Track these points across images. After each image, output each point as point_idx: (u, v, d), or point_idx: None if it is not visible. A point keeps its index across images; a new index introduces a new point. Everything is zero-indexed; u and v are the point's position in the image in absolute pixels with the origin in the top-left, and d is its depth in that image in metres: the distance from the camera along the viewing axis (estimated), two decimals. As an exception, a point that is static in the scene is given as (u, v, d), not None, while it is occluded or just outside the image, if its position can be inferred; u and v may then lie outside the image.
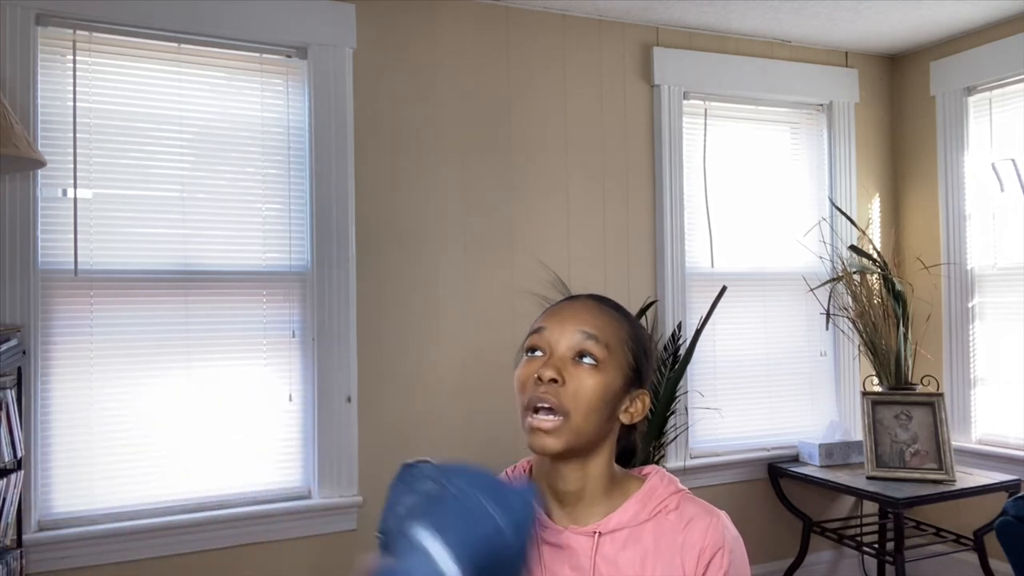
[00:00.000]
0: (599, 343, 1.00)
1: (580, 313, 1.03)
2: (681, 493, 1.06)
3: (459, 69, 2.96)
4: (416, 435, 2.86)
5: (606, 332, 1.02)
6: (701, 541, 1.00)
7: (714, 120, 3.44)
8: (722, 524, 1.03)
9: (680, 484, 1.08)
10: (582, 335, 1.01)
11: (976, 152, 3.42)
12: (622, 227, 3.22)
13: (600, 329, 1.02)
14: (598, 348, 1.00)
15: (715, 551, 1.00)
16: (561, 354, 1.00)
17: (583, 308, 1.04)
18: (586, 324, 1.02)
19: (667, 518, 1.02)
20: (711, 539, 1.01)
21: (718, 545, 1.00)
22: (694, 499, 1.06)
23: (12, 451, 2.07)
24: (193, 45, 2.61)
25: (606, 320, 1.03)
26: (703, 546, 1.00)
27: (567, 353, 1.00)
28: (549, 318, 1.05)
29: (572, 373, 0.99)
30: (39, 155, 2.13)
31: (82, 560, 2.40)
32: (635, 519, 1.02)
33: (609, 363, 1.01)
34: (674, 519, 1.02)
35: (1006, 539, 2.24)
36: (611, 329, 1.03)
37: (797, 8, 3.12)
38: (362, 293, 2.79)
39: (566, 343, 1.01)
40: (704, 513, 1.03)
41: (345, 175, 2.75)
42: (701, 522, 1.02)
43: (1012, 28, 3.25)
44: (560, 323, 1.03)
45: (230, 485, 2.62)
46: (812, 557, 3.46)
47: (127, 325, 2.51)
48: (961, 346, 3.44)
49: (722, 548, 1.00)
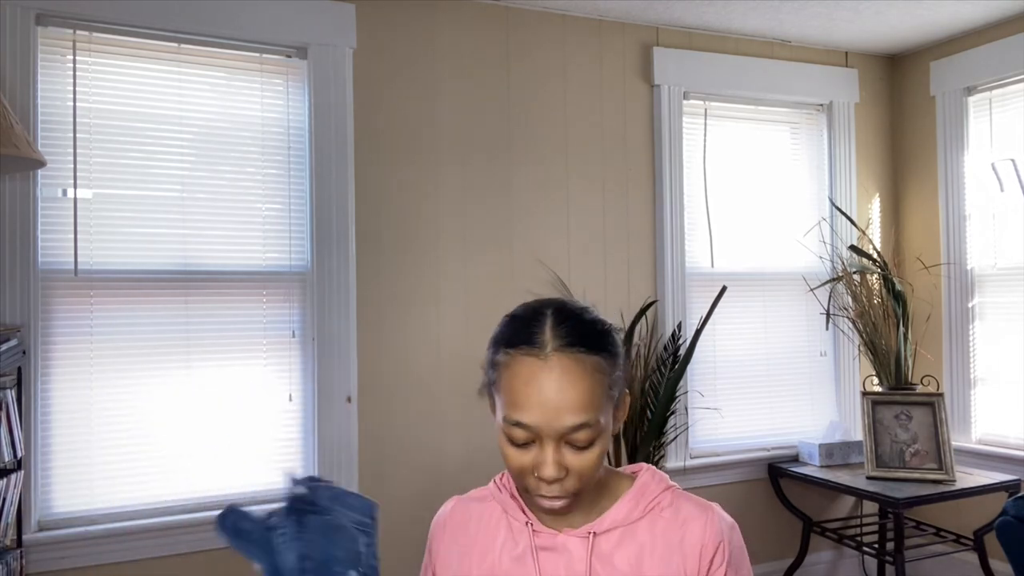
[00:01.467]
0: (589, 427, 0.92)
1: (562, 395, 0.91)
2: (672, 489, 1.06)
3: (459, 69, 2.97)
4: (416, 435, 2.86)
5: (594, 405, 0.92)
6: (701, 538, 1.01)
7: (714, 120, 3.44)
8: (718, 517, 1.03)
9: (670, 480, 1.08)
10: (571, 428, 0.91)
11: (976, 152, 3.42)
12: (622, 227, 3.22)
13: (587, 407, 0.91)
14: (589, 433, 0.92)
15: (716, 546, 1.01)
16: (553, 446, 0.92)
17: (562, 384, 0.91)
18: (573, 410, 0.90)
19: (661, 515, 1.02)
20: (710, 535, 1.01)
21: (718, 540, 1.01)
22: (686, 495, 1.06)
23: (12, 451, 2.07)
24: (193, 45, 2.61)
25: (589, 387, 0.92)
26: (704, 543, 1.01)
27: (559, 443, 0.92)
28: (524, 405, 0.92)
29: (571, 460, 0.93)
30: (39, 155, 2.13)
31: (82, 560, 2.40)
32: (628, 517, 1.02)
33: (601, 427, 0.94)
34: (669, 516, 1.02)
35: (1006, 539, 2.24)
36: (596, 395, 0.92)
37: (797, 8, 3.12)
38: (362, 293, 2.79)
39: (556, 436, 0.92)
40: (699, 510, 1.03)
41: (345, 175, 2.75)
42: (698, 519, 1.02)
43: (1012, 28, 3.25)
44: (542, 414, 0.91)
45: (230, 485, 2.62)
46: (812, 557, 3.46)
47: (127, 325, 2.51)
48: (961, 346, 3.44)
49: (722, 542, 1.01)
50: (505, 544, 1.05)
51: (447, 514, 1.12)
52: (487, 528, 1.07)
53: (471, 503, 1.12)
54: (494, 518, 1.08)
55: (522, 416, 0.92)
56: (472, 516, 1.10)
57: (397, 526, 2.80)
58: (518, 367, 0.93)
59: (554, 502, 0.95)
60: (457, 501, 1.13)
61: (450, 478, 2.86)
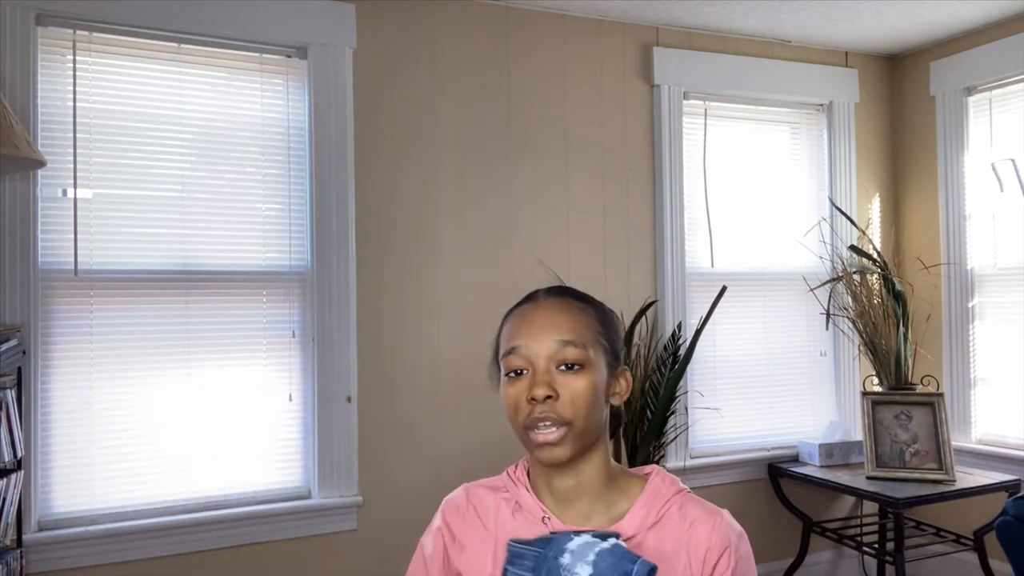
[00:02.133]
0: (577, 347, 1.00)
1: (550, 320, 1.02)
2: (683, 493, 1.06)
3: (459, 69, 2.96)
4: (416, 435, 2.86)
5: (580, 331, 1.01)
6: (707, 542, 1.01)
7: (714, 120, 3.44)
8: (726, 523, 1.03)
9: (681, 484, 1.08)
10: (559, 344, 1.00)
11: (976, 152, 3.42)
12: (622, 227, 3.22)
13: (574, 330, 1.01)
14: (578, 352, 1.00)
15: (721, 552, 1.01)
16: (544, 367, 1.00)
17: (551, 312, 1.03)
18: (560, 331, 1.00)
19: (671, 520, 1.03)
20: (717, 540, 1.01)
21: (724, 545, 1.01)
22: (696, 499, 1.07)
23: (12, 451, 2.07)
24: (193, 45, 2.61)
25: (576, 318, 1.03)
26: (709, 546, 1.01)
27: (549, 364, 1.00)
28: (519, 334, 1.02)
29: (562, 383, 0.99)
30: (39, 155, 2.13)
31: (82, 560, 2.40)
32: (643, 524, 1.02)
33: (591, 360, 1.01)
34: (677, 520, 1.03)
35: (1006, 539, 2.24)
36: (583, 326, 1.02)
37: (797, 8, 3.12)
38: (362, 293, 2.79)
39: (546, 355, 1.00)
40: (707, 514, 1.04)
41: (345, 175, 2.75)
42: (706, 523, 1.02)
43: (1012, 28, 3.25)
44: (533, 336, 1.01)
45: (230, 485, 2.62)
46: (812, 557, 3.46)
47: (127, 325, 2.51)
48: (961, 346, 3.44)
49: (728, 548, 1.01)
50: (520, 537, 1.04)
51: (463, 500, 1.11)
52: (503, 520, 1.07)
53: (483, 491, 1.11)
54: (509, 509, 1.07)
55: (516, 340, 1.02)
56: (489, 506, 1.09)
57: (397, 526, 2.81)
58: (515, 314, 1.06)
59: (546, 432, 0.98)
60: (469, 489, 1.12)
61: (450, 478, 2.86)
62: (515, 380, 1.01)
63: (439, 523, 1.11)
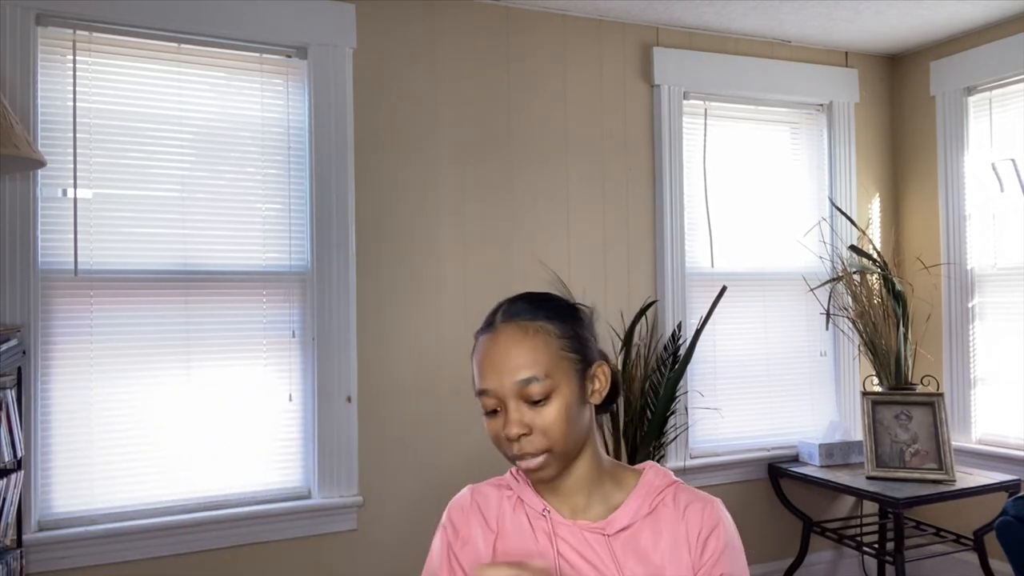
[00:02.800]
0: (540, 380, 1.00)
1: (508, 357, 1.01)
2: (676, 484, 1.11)
3: (459, 69, 2.97)
4: (416, 435, 2.86)
5: (539, 360, 1.01)
6: (699, 524, 1.05)
7: (714, 120, 3.44)
8: (717, 507, 1.08)
9: (674, 476, 1.12)
10: (520, 384, 1.00)
11: (976, 152, 3.42)
12: (622, 227, 3.22)
13: (533, 363, 1.01)
14: (541, 386, 1.00)
15: (711, 530, 1.05)
16: (514, 405, 1.01)
17: (508, 347, 1.02)
18: (519, 368, 1.00)
19: (666, 510, 1.07)
20: (707, 520, 1.06)
21: (713, 524, 1.05)
22: (689, 488, 1.11)
23: (12, 451, 2.07)
24: (193, 45, 2.61)
25: (533, 346, 1.02)
26: (700, 527, 1.05)
27: (518, 402, 1.01)
28: (484, 374, 1.03)
29: (532, 418, 1.01)
30: (39, 155, 2.13)
31: (82, 560, 2.40)
32: (638, 514, 1.06)
33: (557, 383, 1.01)
34: (672, 510, 1.07)
35: (1006, 539, 2.24)
36: (541, 351, 1.02)
37: (797, 8, 3.12)
38: (362, 293, 2.79)
39: (511, 395, 1.01)
40: (698, 499, 1.08)
41: (345, 175, 2.75)
42: (697, 506, 1.07)
43: (1012, 28, 3.25)
44: (496, 377, 1.02)
45: (230, 485, 2.62)
46: (812, 557, 3.46)
47: (127, 325, 2.51)
48: (961, 346, 3.44)
49: (717, 527, 1.05)
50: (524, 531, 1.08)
51: (467, 499, 1.15)
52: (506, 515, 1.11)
53: (488, 489, 1.15)
54: (511, 505, 1.11)
55: (482, 383, 1.03)
56: (492, 503, 1.13)
57: (397, 526, 2.81)
58: (479, 347, 1.07)
59: (528, 461, 1.02)
60: (473, 488, 1.16)
61: (450, 478, 2.86)
62: (492, 418, 1.04)
63: (444, 521, 1.15)
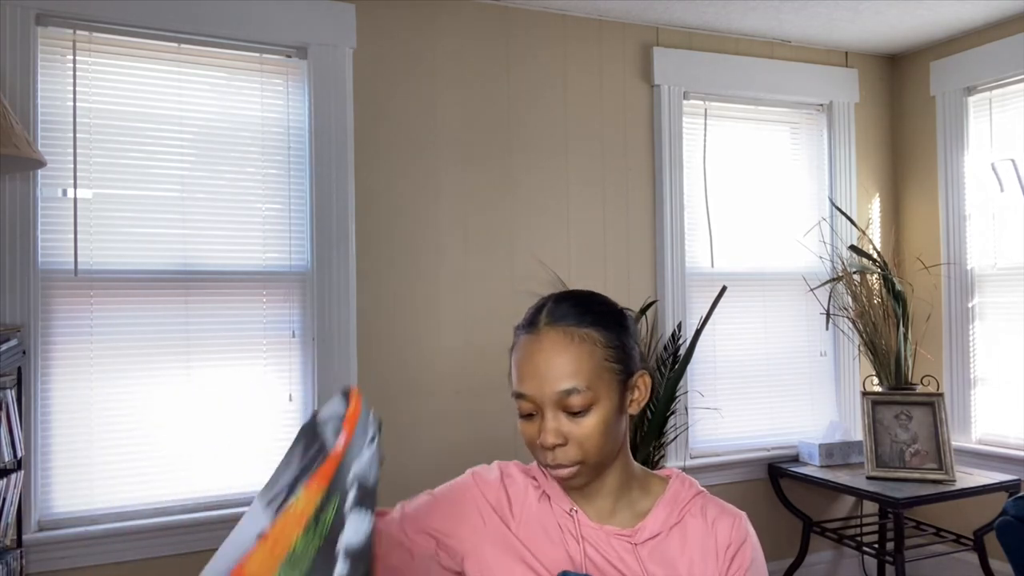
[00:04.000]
0: (581, 392, 0.98)
1: (550, 365, 0.98)
2: (702, 494, 1.11)
3: (459, 69, 2.96)
4: (416, 435, 2.86)
5: (583, 371, 0.98)
6: (727, 538, 1.05)
7: (714, 120, 3.44)
8: (744, 522, 1.08)
9: (700, 486, 1.12)
10: (561, 394, 0.98)
11: (976, 152, 3.42)
12: (622, 227, 3.22)
13: (576, 374, 0.98)
14: (582, 398, 0.98)
15: (739, 546, 1.05)
16: (551, 414, 0.99)
17: (551, 355, 0.99)
18: (561, 378, 0.98)
19: (693, 520, 1.07)
20: (736, 535, 1.05)
21: (742, 539, 1.06)
22: (715, 499, 1.11)
23: (12, 451, 2.07)
24: (193, 45, 2.61)
25: (577, 355, 0.99)
26: (729, 542, 1.05)
27: (556, 411, 0.99)
28: (523, 378, 1.00)
29: (570, 427, 0.99)
30: (39, 155, 2.13)
31: (82, 560, 2.40)
32: (666, 524, 1.06)
33: (598, 395, 0.99)
34: (700, 521, 1.07)
35: (1006, 539, 2.25)
36: (585, 361, 0.99)
37: (797, 8, 3.12)
38: (362, 293, 2.79)
39: (551, 404, 0.99)
40: (727, 513, 1.08)
41: (345, 175, 2.75)
42: (726, 520, 1.07)
43: (1012, 28, 3.25)
44: (536, 384, 0.99)
45: (230, 485, 2.61)
46: (812, 557, 3.46)
47: (127, 325, 2.51)
48: (961, 346, 3.44)
49: (745, 542, 1.06)
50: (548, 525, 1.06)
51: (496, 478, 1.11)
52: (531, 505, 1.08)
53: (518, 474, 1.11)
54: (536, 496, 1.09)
55: (521, 387, 1.01)
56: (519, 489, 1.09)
57: (397, 526, 2.81)
58: (520, 347, 1.04)
59: (560, 471, 1.01)
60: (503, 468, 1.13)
61: (450, 478, 2.85)
62: (527, 421, 1.02)
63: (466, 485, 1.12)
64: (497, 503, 1.08)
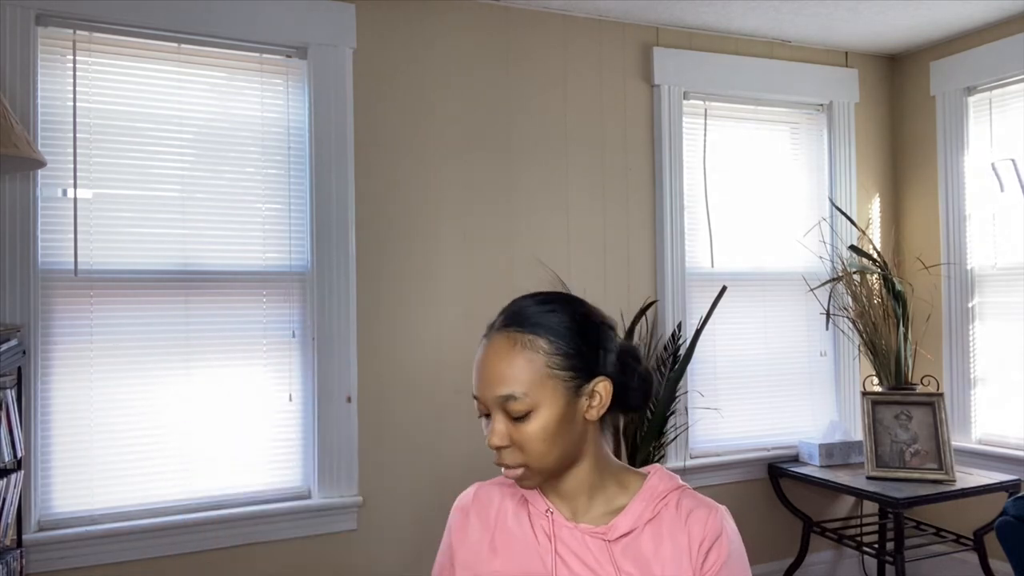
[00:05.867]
0: (518, 399, 1.00)
1: (494, 372, 1.02)
2: (681, 489, 1.09)
3: (459, 69, 2.96)
4: (416, 435, 2.86)
5: (519, 378, 1.00)
6: (701, 532, 1.04)
7: (714, 120, 3.44)
8: (721, 516, 1.06)
9: (680, 480, 1.11)
10: (500, 400, 1.01)
11: (976, 152, 3.42)
12: (622, 227, 3.22)
13: (515, 380, 1.00)
14: (520, 403, 1.00)
15: (714, 540, 1.03)
16: (498, 416, 1.03)
17: (495, 361, 1.02)
18: (501, 384, 1.01)
19: (668, 513, 1.06)
20: (710, 529, 1.04)
21: (717, 534, 1.04)
22: (694, 494, 1.09)
23: (12, 451, 2.07)
24: (193, 45, 2.61)
25: (519, 363, 1.01)
26: (703, 536, 1.03)
27: (502, 414, 1.02)
28: (476, 381, 1.05)
29: (514, 430, 1.02)
30: (39, 155, 2.13)
31: (82, 560, 2.40)
32: (640, 519, 1.05)
33: (538, 402, 1.01)
34: (675, 514, 1.05)
35: (1006, 539, 2.25)
36: (527, 369, 1.00)
37: (797, 8, 3.12)
38: (362, 293, 2.79)
39: (495, 408, 1.02)
40: (703, 506, 1.06)
41: (345, 175, 2.75)
42: (700, 513, 1.05)
43: (1012, 28, 3.25)
44: (483, 388, 1.03)
45: (230, 485, 2.62)
46: (812, 557, 3.46)
47: (127, 325, 2.51)
48: (961, 346, 3.44)
49: (720, 537, 1.03)
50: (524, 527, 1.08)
51: (469, 499, 1.16)
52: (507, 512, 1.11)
53: (492, 487, 1.15)
54: (514, 503, 1.12)
55: (475, 388, 1.05)
56: (494, 501, 1.13)
57: (397, 526, 2.81)
58: (478, 351, 1.07)
59: (508, 472, 1.04)
60: (479, 486, 1.17)
61: (450, 478, 2.86)
62: (485, 421, 1.06)
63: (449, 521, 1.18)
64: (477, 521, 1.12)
